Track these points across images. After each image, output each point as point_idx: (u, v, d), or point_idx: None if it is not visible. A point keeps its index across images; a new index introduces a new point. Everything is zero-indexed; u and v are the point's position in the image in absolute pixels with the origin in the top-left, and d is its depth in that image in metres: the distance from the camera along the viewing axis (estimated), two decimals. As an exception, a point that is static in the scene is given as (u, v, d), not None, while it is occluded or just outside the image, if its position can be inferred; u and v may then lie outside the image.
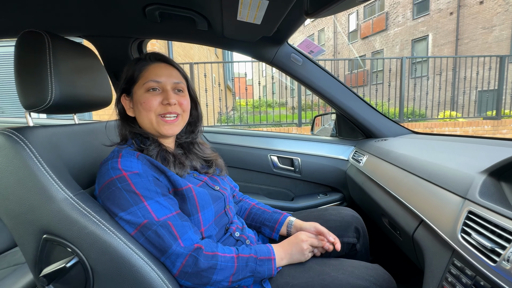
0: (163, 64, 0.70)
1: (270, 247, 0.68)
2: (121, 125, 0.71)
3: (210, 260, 0.58)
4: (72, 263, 0.54)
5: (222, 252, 0.62)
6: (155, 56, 0.71)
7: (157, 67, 0.68)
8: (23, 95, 0.61)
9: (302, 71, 1.14)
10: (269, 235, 0.86)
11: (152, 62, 0.69)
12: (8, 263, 0.99)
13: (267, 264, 0.64)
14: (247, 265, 0.62)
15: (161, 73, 0.68)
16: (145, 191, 0.58)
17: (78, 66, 0.69)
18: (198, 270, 0.57)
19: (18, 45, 0.61)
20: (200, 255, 0.58)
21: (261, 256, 0.65)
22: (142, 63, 0.69)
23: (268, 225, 0.85)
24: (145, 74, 0.67)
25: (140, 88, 0.67)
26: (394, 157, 0.92)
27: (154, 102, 0.66)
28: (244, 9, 0.69)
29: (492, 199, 0.50)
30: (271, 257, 0.66)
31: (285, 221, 0.84)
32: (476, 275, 0.46)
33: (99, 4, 0.86)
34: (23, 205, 0.54)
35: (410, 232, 0.69)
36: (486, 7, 9.70)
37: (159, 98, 0.67)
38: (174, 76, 0.69)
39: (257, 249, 0.67)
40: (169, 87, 0.68)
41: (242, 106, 6.16)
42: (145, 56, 0.71)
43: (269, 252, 0.66)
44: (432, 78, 5.65)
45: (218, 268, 0.59)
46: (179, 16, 0.92)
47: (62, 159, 0.61)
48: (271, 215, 0.87)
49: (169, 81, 0.68)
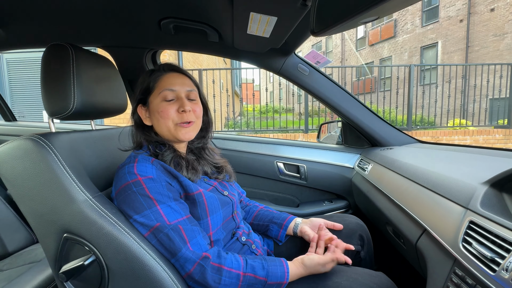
0: (176, 73, 0.74)
1: (286, 269, 0.65)
2: (136, 133, 0.74)
3: (215, 273, 0.59)
4: (90, 261, 0.57)
5: (229, 266, 0.61)
6: (168, 66, 0.75)
7: (171, 77, 0.72)
8: (48, 103, 0.65)
9: (308, 81, 1.17)
10: (276, 233, 0.87)
11: (166, 72, 0.73)
12: (24, 261, 1.03)
13: (277, 287, 0.64)
14: (253, 286, 0.62)
15: (175, 82, 0.71)
16: (158, 195, 0.61)
17: (98, 76, 0.74)
18: (203, 281, 0.59)
19: (45, 57, 0.65)
20: (208, 266, 0.59)
21: (272, 281, 0.63)
22: (156, 74, 0.73)
23: (277, 222, 0.88)
24: (160, 84, 0.71)
25: (156, 97, 0.70)
26: (399, 166, 0.93)
27: (171, 111, 0.69)
28: (254, 24, 0.73)
29: (493, 210, 0.51)
30: (283, 282, 0.64)
31: (292, 220, 0.88)
32: (476, 284, 0.47)
33: (118, 18, 0.92)
34: (46, 205, 0.57)
35: (413, 241, 0.70)
36: (498, 14, 9.57)
37: (175, 106, 0.70)
38: (187, 84, 0.73)
39: (270, 270, 0.63)
40: (183, 94, 0.71)
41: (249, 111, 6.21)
42: (159, 67, 0.75)
43: (283, 276, 0.64)
44: (442, 85, 5.60)
45: (222, 284, 0.60)
46: (192, 29, 0.97)
47: (82, 163, 0.66)
48: (279, 214, 0.90)
49: (182, 89, 0.72)
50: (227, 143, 1.52)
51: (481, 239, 0.49)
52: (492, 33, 9.69)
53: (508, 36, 9.31)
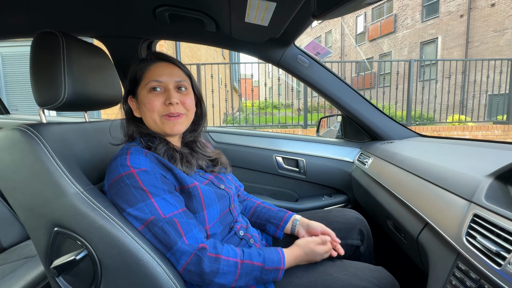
0: (164, 63, 0.69)
1: (282, 255, 0.66)
2: (126, 125, 0.71)
3: (213, 263, 0.58)
4: (82, 255, 0.55)
5: (226, 255, 0.61)
6: (157, 55, 0.71)
7: (158, 67, 0.68)
8: (38, 93, 0.63)
9: (308, 73, 1.15)
10: (273, 233, 0.86)
11: (153, 62, 0.69)
12: (19, 256, 1.01)
13: (274, 273, 0.64)
14: (251, 273, 0.61)
15: (162, 72, 0.67)
16: (152, 188, 0.59)
17: (90, 65, 0.71)
18: (201, 271, 0.58)
19: (33, 45, 0.63)
20: (204, 256, 0.58)
21: (270, 266, 0.63)
22: (144, 64, 0.69)
23: (273, 222, 0.85)
24: (147, 75, 0.67)
25: (143, 89, 0.67)
26: (400, 159, 0.91)
27: (156, 103, 0.66)
28: (252, 11, 0.70)
29: (499, 203, 0.50)
30: (280, 268, 0.64)
31: (290, 219, 0.85)
32: (480, 279, 0.46)
33: (110, 6, 0.88)
34: (36, 198, 0.56)
35: (414, 235, 0.68)
36: (498, 9, 9.52)
37: (162, 98, 0.66)
38: (176, 74, 0.69)
39: (266, 256, 0.64)
40: (171, 86, 0.67)
41: (248, 107, 6.18)
42: (147, 56, 0.70)
43: (279, 262, 0.65)
44: (441, 81, 5.58)
45: (220, 273, 0.59)
46: (188, 18, 0.94)
47: (73, 155, 0.63)
48: (276, 213, 0.87)
49: (171, 80, 0.68)
50: (225, 136, 1.50)
51: (486, 233, 0.48)
52: (492, 28, 9.65)
53: (508, 31, 9.27)
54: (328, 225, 0.84)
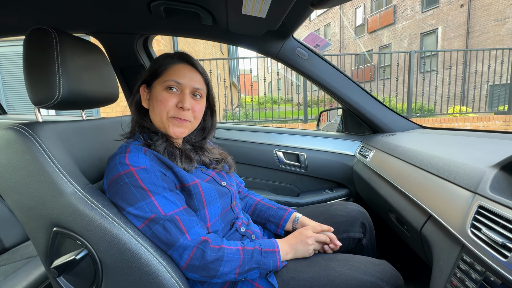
0: (188, 66, 0.70)
1: (274, 241, 0.69)
2: (134, 114, 0.71)
3: (217, 253, 0.59)
4: (82, 255, 0.55)
5: (227, 245, 0.63)
6: (183, 57, 0.71)
7: (181, 68, 0.68)
8: (32, 92, 0.62)
9: (308, 66, 1.13)
10: (274, 231, 0.86)
11: (178, 62, 0.69)
12: (21, 256, 1.02)
13: (272, 256, 0.65)
14: (253, 256, 0.63)
15: (184, 75, 0.67)
16: (152, 186, 0.59)
17: (85, 63, 0.70)
18: (205, 263, 0.58)
19: (26, 42, 0.61)
20: (207, 248, 0.59)
21: (266, 248, 0.65)
22: (168, 61, 0.69)
23: (273, 221, 0.85)
24: (169, 72, 0.67)
25: (160, 84, 0.67)
26: (402, 152, 0.90)
27: (170, 103, 0.66)
28: (249, 2, 0.68)
29: (504, 194, 0.49)
30: (275, 249, 0.66)
31: (290, 217, 0.84)
32: (486, 271, 0.45)
33: (104, 1, 0.86)
34: (34, 199, 0.55)
35: (418, 228, 0.68)
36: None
37: (175, 100, 0.66)
38: (195, 80, 0.69)
39: (261, 242, 0.67)
40: (187, 90, 0.67)
41: (248, 102, 6.15)
42: (174, 55, 0.71)
43: (273, 245, 0.67)
44: (442, 72, 5.53)
45: (224, 260, 0.59)
46: (184, 11, 0.92)
47: (71, 154, 0.62)
48: (276, 211, 0.87)
49: (189, 85, 0.68)
50: (225, 132, 1.49)
51: (491, 224, 0.47)
52: (493, 18, 9.52)
53: (509, 20, 9.15)
54: (330, 218, 0.83)
